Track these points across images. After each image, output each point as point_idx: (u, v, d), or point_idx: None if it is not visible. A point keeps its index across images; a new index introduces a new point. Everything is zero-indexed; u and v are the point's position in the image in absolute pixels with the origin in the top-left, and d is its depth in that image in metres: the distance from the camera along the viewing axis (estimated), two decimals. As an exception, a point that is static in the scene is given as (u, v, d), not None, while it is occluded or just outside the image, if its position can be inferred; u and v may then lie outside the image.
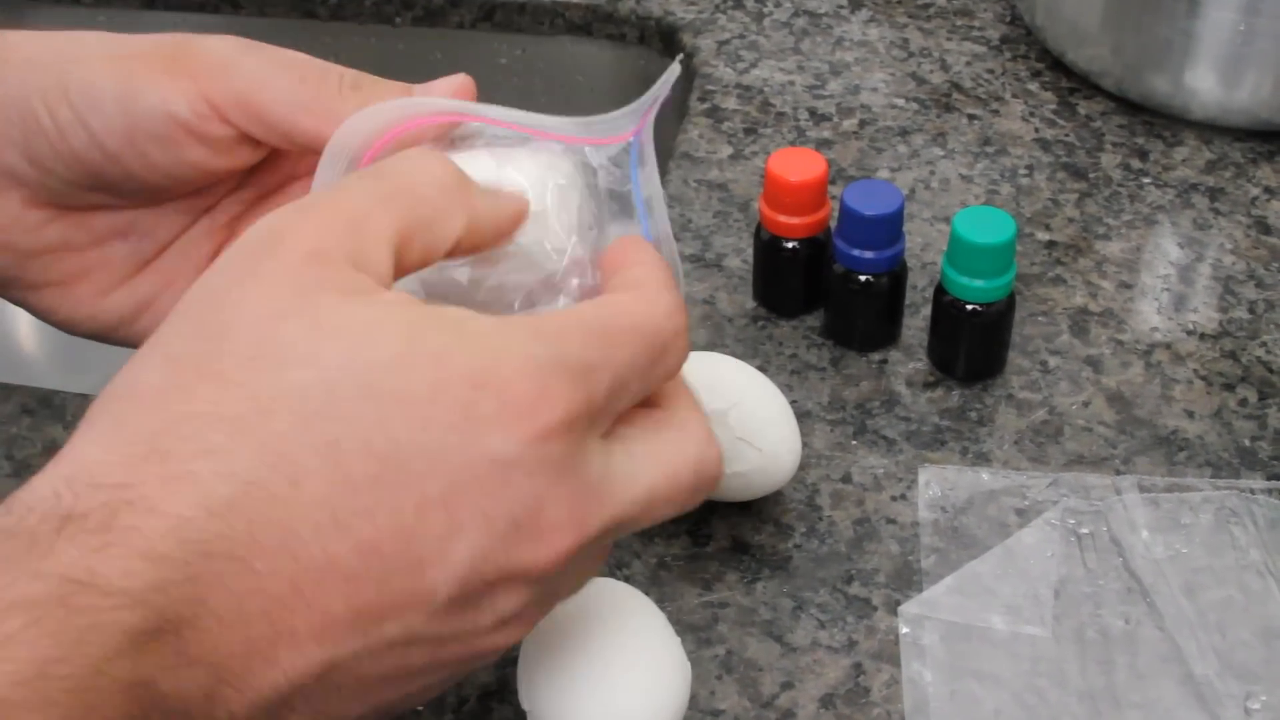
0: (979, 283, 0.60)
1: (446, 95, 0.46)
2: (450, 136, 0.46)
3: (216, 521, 0.35)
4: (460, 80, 0.47)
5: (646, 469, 0.40)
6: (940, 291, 0.62)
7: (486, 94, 0.49)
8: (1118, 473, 0.59)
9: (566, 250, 0.44)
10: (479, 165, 0.44)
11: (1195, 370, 0.64)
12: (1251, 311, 0.67)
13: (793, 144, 0.77)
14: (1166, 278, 0.69)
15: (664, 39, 0.87)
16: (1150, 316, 0.67)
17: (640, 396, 0.41)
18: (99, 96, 0.44)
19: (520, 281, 0.44)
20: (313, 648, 0.36)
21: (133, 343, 0.50)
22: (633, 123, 0.46)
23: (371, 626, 0.37)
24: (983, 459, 0.60)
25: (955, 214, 0.60)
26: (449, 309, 0.39)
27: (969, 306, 0.61)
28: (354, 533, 0.36)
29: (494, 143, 0.46)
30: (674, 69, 0.45)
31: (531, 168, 0.45)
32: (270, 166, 0.50)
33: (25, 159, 0.46)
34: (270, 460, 0.35)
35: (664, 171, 0.75)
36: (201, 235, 0.51)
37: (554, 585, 0.40)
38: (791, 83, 0.81)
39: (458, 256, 0.42)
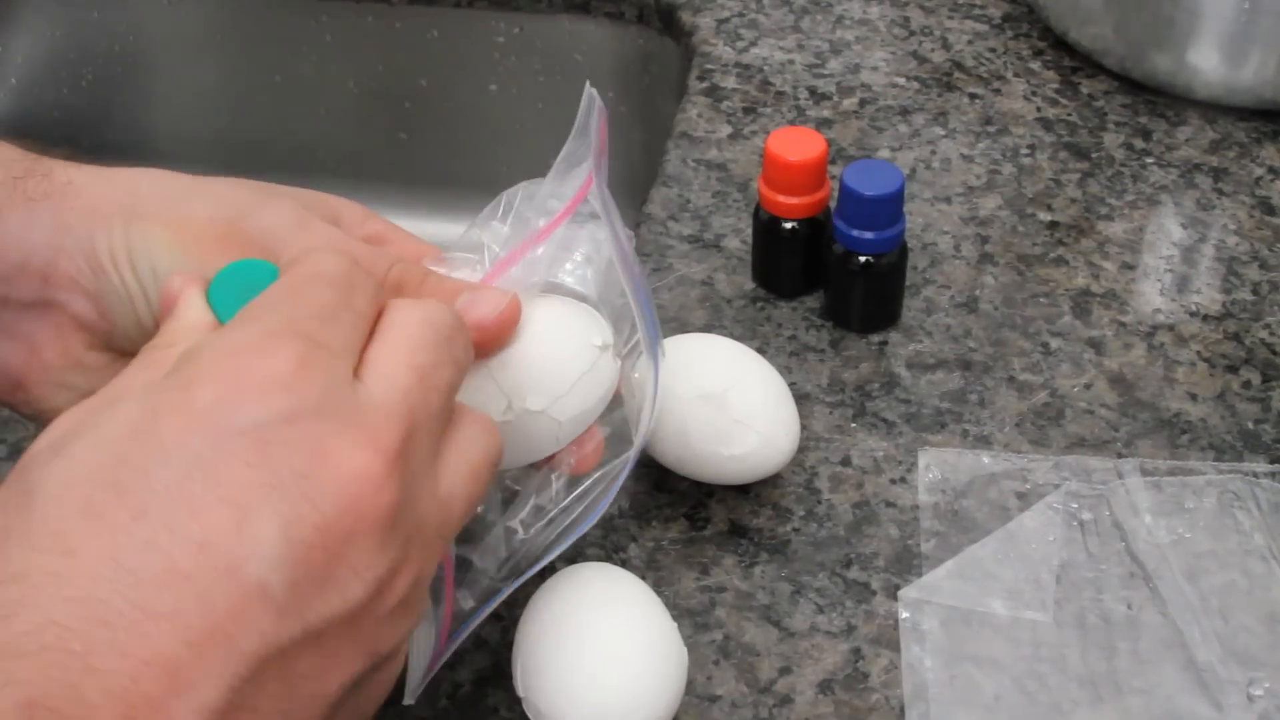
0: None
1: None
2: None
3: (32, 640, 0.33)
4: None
5: (397, 358, 0.39)
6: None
7: (483, 73, 0.49)
8: (1120, 456, 0.59)
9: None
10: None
11: (1198, 352, 0.63)
12: (1255, 293, 0.66)
13: (792, 123, 0.76)
14: (1169, 259, 0.69)
15: (663, 17, 0.87)
16: (1153, 298, 0.66)
17: (361, 326, 0.40)
18: (161, 266, 0.47)
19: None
20: (185, 713, 0.33)
21: None
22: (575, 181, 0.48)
23: (223, 656, 0.34)
24: (983, 442, 0.59)
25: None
26: None
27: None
28: (146, 571, 0.34)
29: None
30: (591, 95, 0.48)
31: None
32: None
33: (97, 311, 0.48)
34: (39, 544, 0.34)
35: (663, 151, 0.75)
36: None
37: (418, 524, 0.38)
38: (791, 61, 0.80)
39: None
